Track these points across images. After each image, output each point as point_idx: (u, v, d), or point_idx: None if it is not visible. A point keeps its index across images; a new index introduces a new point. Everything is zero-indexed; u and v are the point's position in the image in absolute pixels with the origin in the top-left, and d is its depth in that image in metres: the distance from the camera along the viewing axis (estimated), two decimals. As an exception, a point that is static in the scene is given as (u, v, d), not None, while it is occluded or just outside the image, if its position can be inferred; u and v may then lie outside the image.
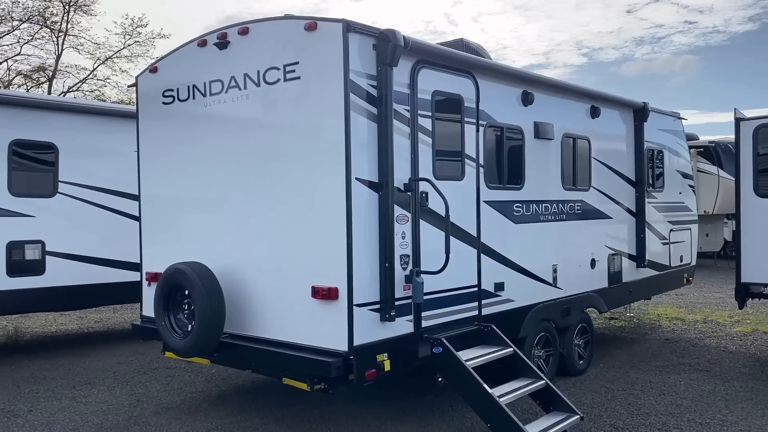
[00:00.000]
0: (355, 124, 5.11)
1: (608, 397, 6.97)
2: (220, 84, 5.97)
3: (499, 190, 6.59)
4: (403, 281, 5.48)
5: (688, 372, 7.98)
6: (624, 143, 8.81)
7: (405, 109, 5.56)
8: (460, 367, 5.45)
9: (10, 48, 32.08)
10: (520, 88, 6.90)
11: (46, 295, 8.55)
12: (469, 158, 6.22)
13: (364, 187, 5.18)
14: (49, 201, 8.65)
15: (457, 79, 6.12)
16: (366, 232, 5.19)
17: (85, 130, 8.92)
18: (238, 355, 5.82)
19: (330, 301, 5.16)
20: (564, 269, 7.50)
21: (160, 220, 6.65)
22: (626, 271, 8.74)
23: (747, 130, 8.45)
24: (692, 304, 13.21)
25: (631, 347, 9.40)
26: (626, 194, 8.77)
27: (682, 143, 10.38)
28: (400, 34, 5.25)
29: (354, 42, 5.12)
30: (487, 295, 6.42)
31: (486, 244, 6.40)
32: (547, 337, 7.31)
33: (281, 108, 5.55)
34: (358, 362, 5.07)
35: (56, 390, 7.34)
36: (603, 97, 8.22)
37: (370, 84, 5.23)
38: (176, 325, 5.88)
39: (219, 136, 6.03)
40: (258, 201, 5.74)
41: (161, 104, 6.53)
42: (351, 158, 5.06)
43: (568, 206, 7.61)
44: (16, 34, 31.63)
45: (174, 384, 7.53)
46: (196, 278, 5.56)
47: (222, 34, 5.92)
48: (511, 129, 6.78)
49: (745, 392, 7.12)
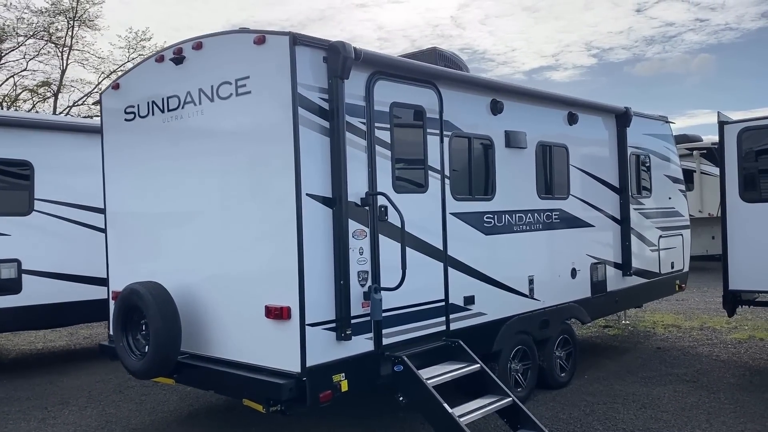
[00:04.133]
0: (305, 138, 4.98)
1: (587, 411, 6.78)
2: (177, 99, 5.88)
3: (467, 201, 6.44)
4: (361, 298, 5.35)
5: (674, 383, 7.76)
6: (606, 149, 8.62)
7: (361, 121, 5.43)
8: (420, 386, 5.30)
9: (17, 64, 32.44)
10: (489, 97, 6.75)
11: (23, 314, 8.48)
12: (433, 170, 6.08)
13: (316, 203, 5.05)
14: (25, 219, 8.60)
15: (418, 90, 5.98)
16: (319, 248, 5.06)
17: (61, 147, 8.88)
18: (198, 376, 5.71)
19: (283, 321, 5.03)
20: (541, 280, 7.32)
21: (123, 237, 6.56)
22: (611, 279, 8.53)
23: (731, 134, 8.25)
24: (691, 310, 12.95)
25: (621, 357, 9.19)
26: (609, 201, 8.58)
27: (671, 147, 10.16)
28: (351, 47, 5.13)
29: (302, 55, 5.00)
30: (456, 309, 6.26)
31: (453, 257, 6.25)
32: (524, 350, 7.12)
33: (234, 123, 5.44)
34: (312, 383, 4.93)
35: (27, 411, 7.26)
36: (580, 103, 8.04)
37: (321, 97, 5.11)
38: (134, 346, 5.79)
39: (177, 153, 5.93)
40: (213, 218, 5.64)
41: (124, 121, 6.46)
42: (301, 174, 4.94)
43: (545, 215, 7.44)
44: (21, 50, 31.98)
45: (147, 403, 7.42)
46: (150, 298, 5.46)
47: (178, 49, 5.84)
48: (479, 139, 6.63)
49: (730, 404, 6.90)
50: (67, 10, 31.72)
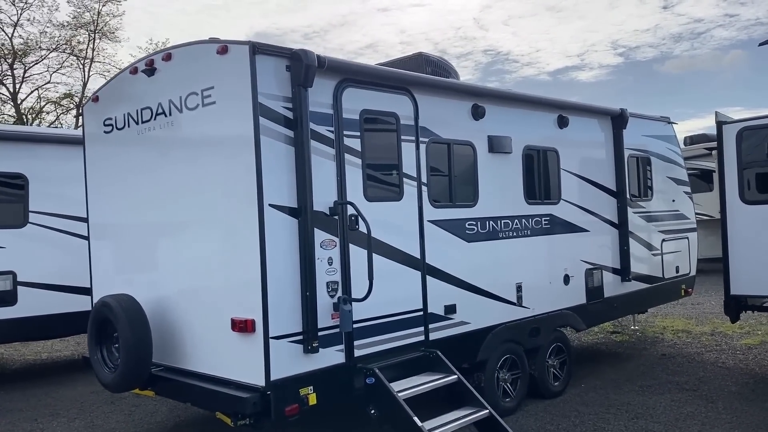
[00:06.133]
0: (268, 148, 4.92)
1: (576, 422, 6.60)
2: (150, 111, 5.87)
3: (447, 208, 6.32)
4: (331, 309, 5.26)
5: (673, 392, 7.53)
6: (601, 152, 8.41)
7: (329, 130, 5.36)
8: (390, 399, 5.19)
9: (41, 77, 33.09)
10: (470, 102, 6.62)
11: (18, 326, 8.56)
12: (409, 177, 5.97)
13: (281, 214, 4.98)
14: (19, 231, 8.68)
15: (391, 96, 5.88)
16: (284, 260, 4.99)
17: (54, 159, 8.95)
18: (174, 389, 5.68)
19: (247, 334, 4.96)
20: (530, 287, 7.16)
21: (104, 249, 6.58)
22: (609, 285, 8.32)
23: (730, 134, 7.99)
24: (704, 314, 12.59)
25: (623, 364, 8.95)
26: (606, 205, 8.36)
27: (674, 149, 9.90)
28: (313, 54, 5.05)
29: (264, 64, 4.94)
30: (436, 319, 6.14)
31: (432, 265, 6.13)
32: (513, 359, 6.96)
33: (201, 134, 5.40)
34: (277, 397, 4.86)
35: (16, 423, 7.31)
36: (570, 106, 7.86)
37: (285, 106, 5.04)
38: (108, 360, 5.77)
39: (151, 165, 5.92)
40: (184, 230, 5.61)
41: (103, 133, 6.47)
42: (263, 184, 4.87)
43: (534, 221, 7.28)
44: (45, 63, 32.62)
45: (136, 414, 7.42)
46: (121, 311, 5.44)
47: (149, 60, 5.83)
48: (459, 144, 6.50)
49: (727, 414, 6.66)
50: (88, 23, 32.31)
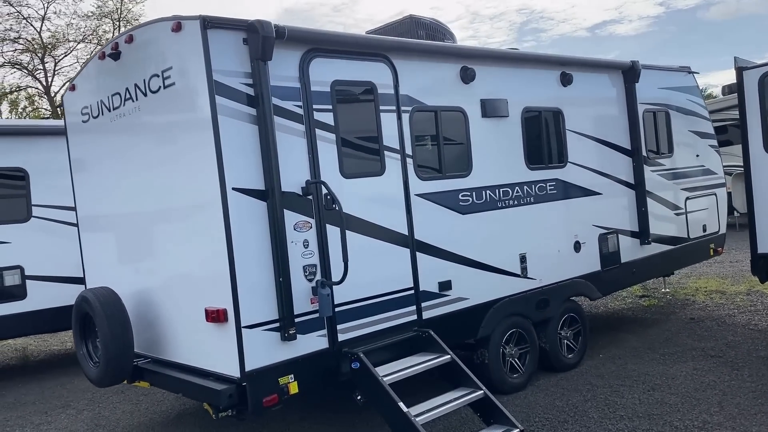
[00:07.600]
0: (228, 129, 4.65)
1: (587, 396, 6.26)
2: (119, 97, 5.65)
3: (436, 180, 5.98)
4: (309, 294, 5.02)
5: (696, 359, 7.10)
6: (612, 109, 7.90)
7: (296, 105, 5.06)
8: (375, 384, 4.94)
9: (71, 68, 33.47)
10: (458, 65, 6.22)
11: (29, 319, 8.60)
12: (390, 150, 5.63)
13: (246, 197, 4.72)
14: (24, 226, 8.67)
15: (366, 64, 5.53)
16: (254, 245, 4.74)
17: (54, 152, 8.85)
18: (161, 380, 5.55)
19: (221, 324, 4.76)
20: (536, 257, 6.79)
21: (90, 241, 6.45)
22: (626, 250, 7.87)
23: (751, 80, 7.40)
24: (741, 272, 11.93)
25: (646, 331, 8.52)
26: (620, 165, 7.88)
27: (697, 100, 9.28)
28: (270, 25, 4.74)
29: (217, 39, 4.65)
30: (429, 297, 5.84)
31: (423, 241, 5.82)
32: (520, 333, 6.64)
33: (164, 118, 5.17)
34: (253, 388, 4.66)
35: (27, 416, 7.33)
36: (574, 61, 7.37)
37: (244, 83, 4.76)
38: (93, 354, 5.66)
39: (124, 153, 5.72)
40: (156, 220, 5.42)
41: (81, 122, 6.31)
42: (224, 167, 4.61)
43: (537, 187, 6.87)
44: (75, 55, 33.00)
45: (143, 404, 7.37)
46: (98, 305, 5.30)
47: (114, 44, 5.60)
48: (448, 111, 6.13)
49: (751, 382, 6.23)
50: (111, 12, 32.45)
